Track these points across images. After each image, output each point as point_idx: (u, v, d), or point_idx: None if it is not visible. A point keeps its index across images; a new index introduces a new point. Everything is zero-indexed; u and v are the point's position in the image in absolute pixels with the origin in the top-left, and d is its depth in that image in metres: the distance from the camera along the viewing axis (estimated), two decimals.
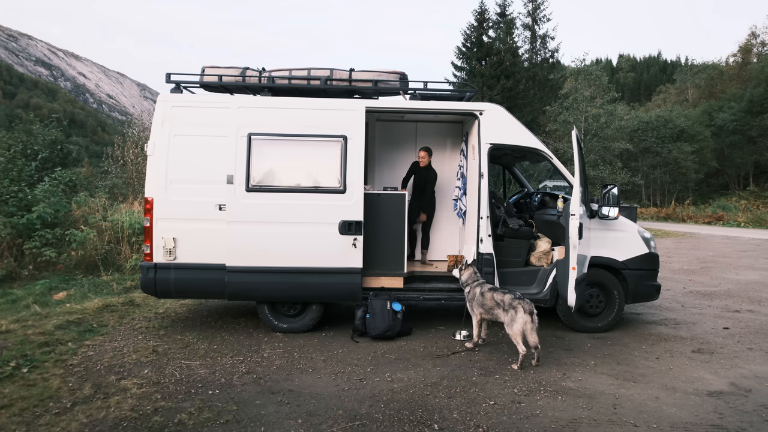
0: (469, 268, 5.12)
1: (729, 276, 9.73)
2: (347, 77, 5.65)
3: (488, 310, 4.77)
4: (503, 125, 5.57)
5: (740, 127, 38.82)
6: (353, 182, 5.26)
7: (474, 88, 6.20)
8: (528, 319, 4.39)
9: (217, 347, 4.91)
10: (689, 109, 45.50)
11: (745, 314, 6.55)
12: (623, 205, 12.02)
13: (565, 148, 25.58)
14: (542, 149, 5.63)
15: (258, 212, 5.18)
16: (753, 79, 41.99)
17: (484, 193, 5.45)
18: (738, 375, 4.29)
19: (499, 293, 4.70)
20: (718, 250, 14.34)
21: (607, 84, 29.46)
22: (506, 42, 29.36)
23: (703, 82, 50.99)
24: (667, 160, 38.46)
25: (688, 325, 6.00)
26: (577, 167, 4.89)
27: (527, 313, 4.40)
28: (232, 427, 3.24)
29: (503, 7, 31.76)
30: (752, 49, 50.87)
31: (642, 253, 5.69)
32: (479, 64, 28.20)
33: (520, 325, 4.40)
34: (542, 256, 5.84)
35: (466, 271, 5.12)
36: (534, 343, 4.41)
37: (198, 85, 5.64)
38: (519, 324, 4.41)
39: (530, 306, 4.45)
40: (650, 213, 33.88)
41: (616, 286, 5.62)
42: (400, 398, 3.73)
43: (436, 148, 7.46)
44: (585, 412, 3.53)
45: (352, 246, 5.24)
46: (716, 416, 3.47)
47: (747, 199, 33.58)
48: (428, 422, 3.34)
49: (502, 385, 4.03)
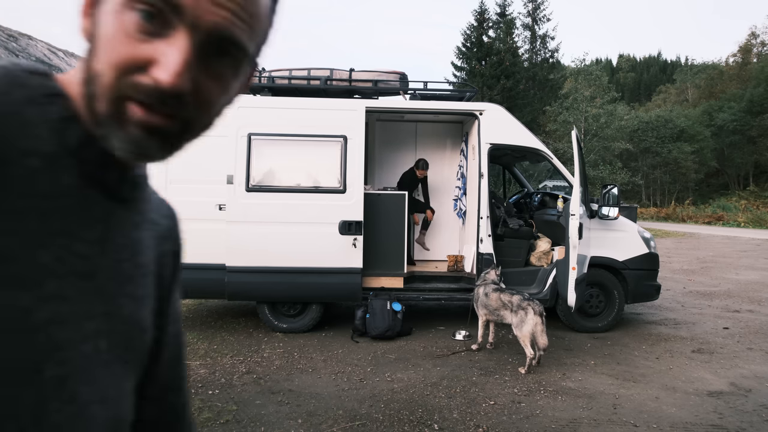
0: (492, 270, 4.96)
1: (729, 276, 9.73)
2: (347, 77, 5.65)
3: (493, 312, 4.65)
4: (503, 125, 5.57)
5: (740, 127, 38.85)
6: (353, 182, 5.26)
7: (474, 88, 6.20)
8: (538, 320, 4.25)
9: (217, 347, 4.91)
10: (689, 109, 45.55)
11: (745, 314, 6.55)
12: (623, 205, 12.02)
13: (565, 148, 25.58)
14: (542, 149, 5.63)
15: (258, 212, 5.19)
16: (753, 79, 42.02)
17: (484, 193, 5.46)
18: (738, 375, 4.29)
19: (506, 294, 4.57)
20: (718, 250, 14.34)
21: (607, 84, 29.49)
22: (506, 42, 29.35)
23: (703, 82, 51.04)
24: (667, 160, 38.49)
25: (688, 325, 6.00)
26: (577, 167, 4.89)
27: (537, 314, 4.27)
28: (232, 427, 3.24)
29: (503, 7, 31.74)
30: (752, 49, 50.92)
31: (642, 253, 5.69)
32: (479, 64, 28.20)
33: (530, 327, 4.27)
34: (542, 256, 5.84)
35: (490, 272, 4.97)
36: (544, 345, 4.28)
37: None
38: (529, 326, 4.28)
39: (540, 307, 4.32)
40: (650, 213, 33.91)
41: (616, 286, 5.61)
42: (400, 398, 3.73)
43: (436, 148, 7.47)
44: (585, 412, 3.53)
45: (352, 246, 5.24)
46: (716, 416, 3.48)
47: (747, 199, 33.61)
48: (428, 422, 3.34)
49: (502, 385, 4.03)
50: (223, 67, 0.47)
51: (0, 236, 0.42)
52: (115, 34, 0.44)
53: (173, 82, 0.43)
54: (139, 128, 0.45)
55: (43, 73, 0.49)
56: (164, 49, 0.43)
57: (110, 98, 0.45)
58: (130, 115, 0.44)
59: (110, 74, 0.44)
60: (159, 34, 0.44)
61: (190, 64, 0.44)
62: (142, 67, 0.44)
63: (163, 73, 0.43)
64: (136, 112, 0.44)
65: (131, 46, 0.44)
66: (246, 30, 0.47)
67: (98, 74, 0.45)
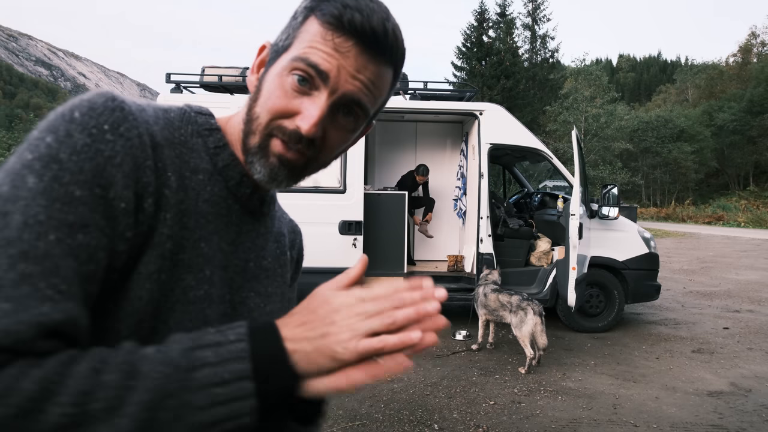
0: (494, 272, 4.97)
1: (729, 276, 9.73)
2: None
3: (491, 312, 4.65)
4: (503, 125, 5.57)
5: (740, 127, 38.86)
6: (353, 182, 5.26)
7: (474, 88, 6.20)
8: (538, 320, 4.25)
9: None
10: (689, 109, 45.54)
11: (745, 314, 6.55)
12: (623, 205, 12.02)
13: (565, 148, 25.59)
14: (542, 149, 5.63)
15: None
16: (753, 79, 42.04)
17: (484, 193, 5.45)
18: (738, 375, 4.29)
19: (504, 294, 4.57)
20: (718, 250, 14.34)
21: (607, 84, 29.50)
22: (506, 42, 29.35)
23: (703, 82, 51.04)
24: (667, 160, 38.49)
25: (688, 325, 6.00)
26: (577, 167, 4.89)
27: (537, 314, 4.27)
28: None
29: (503, 7, 31.74)
30: (752, 49, 50.96)
31: (642, 253, 5.69)
32: (479, 64, 28.20)
33: (530, 327, 4.27)
34: (542, 256, 5.84)
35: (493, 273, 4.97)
36: (543, 345, 4.28)
37: (198, 86, 5.64)
38: (529, 326, 4.28)
39: (540, 307, 4.32)
40: (650, 213, 33.91)
41: (616, 286, 5.61)
42: (400, 398, 3.73)
43: (436, 148, 7.47)
44: (585, 412, 3.53)
45: (352, 246, 5.24)
46: (716, 416, 3.47)
47: (747, 199, 33.63)
48: (428, 422, 3.34)
49: (502, 385, 4.03)
50: (347, 122, 0.62)
51: (179, 230, 0.56)
52: (275, 90, 0.60)
53: (309, 130, 0.58)
54: (276, 159, 0.60)
55: (207, 113, 0.66)
56: (308, 104, 0.59)
57: (262, 134, 0.60)
58: (272, 148, 0.60)
59: (266, 117, 0.60)
60: (306, 93, 0.59)
61: (324, 118, 0.59)
62: (289, 115, 0.59)
63: (304, 122, 0.58)
64: (277, 147, 0.60)
65: (286, 99, 0.59)
66: (370, 97, 0.62)
67: (257, 116, 0.60)
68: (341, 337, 0.50)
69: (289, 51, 0.60)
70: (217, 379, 0.46)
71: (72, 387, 0.42)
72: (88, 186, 0.49)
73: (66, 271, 0.46)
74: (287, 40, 0.61)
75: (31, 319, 0.43)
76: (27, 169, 0.48)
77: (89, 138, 0.50)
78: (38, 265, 0.45)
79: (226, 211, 0.62)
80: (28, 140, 0.51)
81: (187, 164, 0.59)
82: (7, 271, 0.44)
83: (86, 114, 0.52)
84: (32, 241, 0.45)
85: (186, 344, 0.48)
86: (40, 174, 0.47)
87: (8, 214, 0.46)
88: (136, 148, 0.53)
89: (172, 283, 0.55)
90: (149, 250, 0.53)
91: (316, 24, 0.59)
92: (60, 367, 0.43)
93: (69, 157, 0.49)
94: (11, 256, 0.44)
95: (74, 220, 0.47)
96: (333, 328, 0.51)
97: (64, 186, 0.48)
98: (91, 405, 0.42)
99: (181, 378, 0.45)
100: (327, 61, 0.58)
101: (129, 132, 0.53)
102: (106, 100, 0.54)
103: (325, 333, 0.50)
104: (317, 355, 0.50)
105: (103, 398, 0.43)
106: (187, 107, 0.65)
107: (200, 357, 0.47)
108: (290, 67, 0.59)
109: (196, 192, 0.59)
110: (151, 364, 0.45)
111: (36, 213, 0.46)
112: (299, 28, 0.60)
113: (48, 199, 0.47)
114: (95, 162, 0.50)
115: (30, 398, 0.41)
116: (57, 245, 0.46)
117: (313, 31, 0.59)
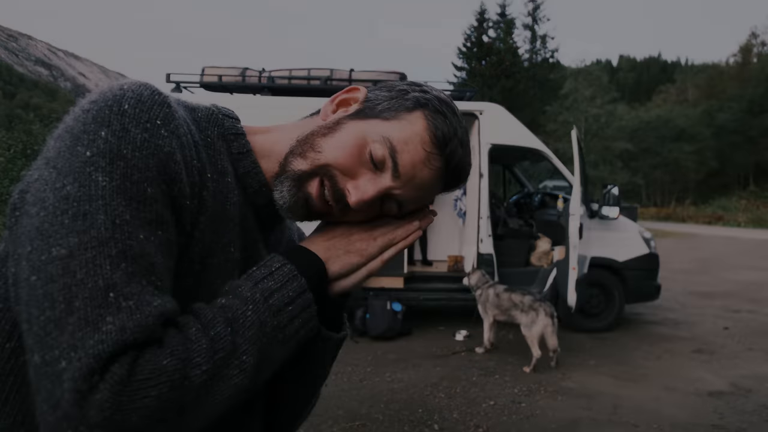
0: (476, 272, 4.99)
1: (729, 276, 9.73)
2: (347, 77, 5.65)
3: (504, 311, 4.63)
4: (503, 125, 5.56)
5: (740, 127, 38.84)
6: None
7: (474, 88, 6.21)
8: (549, 322, 4.26)
9: None
10: (689, 109, 45.49)
11: (745, 314, 6.55)
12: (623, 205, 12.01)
13: (565, 148, 25.57)
14: (542, 149, 5.62)
15: None
16: (753, 79, 42.01)
17: (484, 193, 5.45)
18: (738, 375, 4.29)
19: (517, 294, 4.57)
20: (718, 250, 14.34)
21: (607, 84, 29.53)
22: (506, 42, 29.37)
23: (704, 82, 51.03)
24: (667, 160, 38.49)
25: (688, 325, 6.00)
26: (577, 167, 4.89)
27: (548, 315, 4.27)
28: None
29: (503, 7, 31.76)
30: (752, 49, 50.96)
31: (642, 253, 5.69)
32: (479, 64, 28.21)
33: (540, 328, 4.28)
34: (542, 256, 5.84)
35: (474, 275, 4.98)
36: (553, 347, 4.30)
37: (198, 85, 5.63)
38: (539, 327, 4.28)
39: (551, 309, 4.33)
40: (650, 213, 33.88)
41: (616, 286, 5.61)
42: (400, 398, 3.73)
43: None
44: (585, 412, 3.53)
45: None
46: (716, 416, 3.47)
47: (747, 199, 33.58)
48: (428, 422, 3.33)
49: (502, 385, 4.02)
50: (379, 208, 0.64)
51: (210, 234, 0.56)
52: (353, 147, 0.60)
53: (356, 203, 0.60)
54: (304, 197, 0.61)
55: (234, 117, 0.66)
56: (369, 179, 0.60)
57: (311, 168, 0.60)
58: (308, 186, 0.61)
59: (327, 159, 0.60)
60: (373, 169, 0.61)
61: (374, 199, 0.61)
62: (347, 173, 0.60)
63: (356, 194, 0.59)
64: (314, 188, 0.60)
65: (355, 160, 0.60)
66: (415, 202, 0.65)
67: (319, 149, 0.61)
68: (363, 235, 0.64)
69: (386, 122, 0.61)
70: (287, 299, 0.55)
71: (203, 349, 0.48)
72: (156, 183, 0.49)
73: (159, 267, 0.48)
74: (389, 112, 0.62)
75: (155, 312, 0.45)
76: (91, 166, 0.47)
77: (146, 133, 0.50)
78: (137, 263, 0.46)
79: (243, 218, 0.62)
80: (70, 131, 0.49)
81: (215, 166, 0.59)
82: (114, 271, 0.44)
83: (136, 107, 0.50)
84: (126, 240, 0.46)
85: (247, 285, 0.55)
86: (109, 172, 0.47)
87: (88, 214, 0.45)
88: (185, 147, 0.53)
89: (201, 288, 0.56)
90: (186, 250, 0.54)
91: (422, 122, 0.61)
92: (194, 340, 0.48)
93: (132, 154, 0.48)
94: (111, 257, 0.45)
95: (152, 217, 0.48)
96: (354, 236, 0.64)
97: (136, 184, 0.47)
98: (218, 355, 0.48)
99: (263, 308, 0.53)
100: (410, 165, 0.60)
101: (178, 129, 0.53)
102: (152, 93, 0.53)
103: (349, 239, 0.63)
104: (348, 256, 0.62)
105: (221, 348, 0.49)
106: (215, 108, 0.66)
107: (266, 287, 0.55)
108: (379, 141, 0.60)
109: (224, 195, 0.59)
110: (237, 307, 0.52)
111: (120, 212, 0.46)
112: (405, 113, 0.62)
113: (125, 198, 0.47)
114: (158, 158, 0.49)
115: (198, 375, 0.46)
116: (147, 243, 0.47)
117: (417, 130, 0.61)
